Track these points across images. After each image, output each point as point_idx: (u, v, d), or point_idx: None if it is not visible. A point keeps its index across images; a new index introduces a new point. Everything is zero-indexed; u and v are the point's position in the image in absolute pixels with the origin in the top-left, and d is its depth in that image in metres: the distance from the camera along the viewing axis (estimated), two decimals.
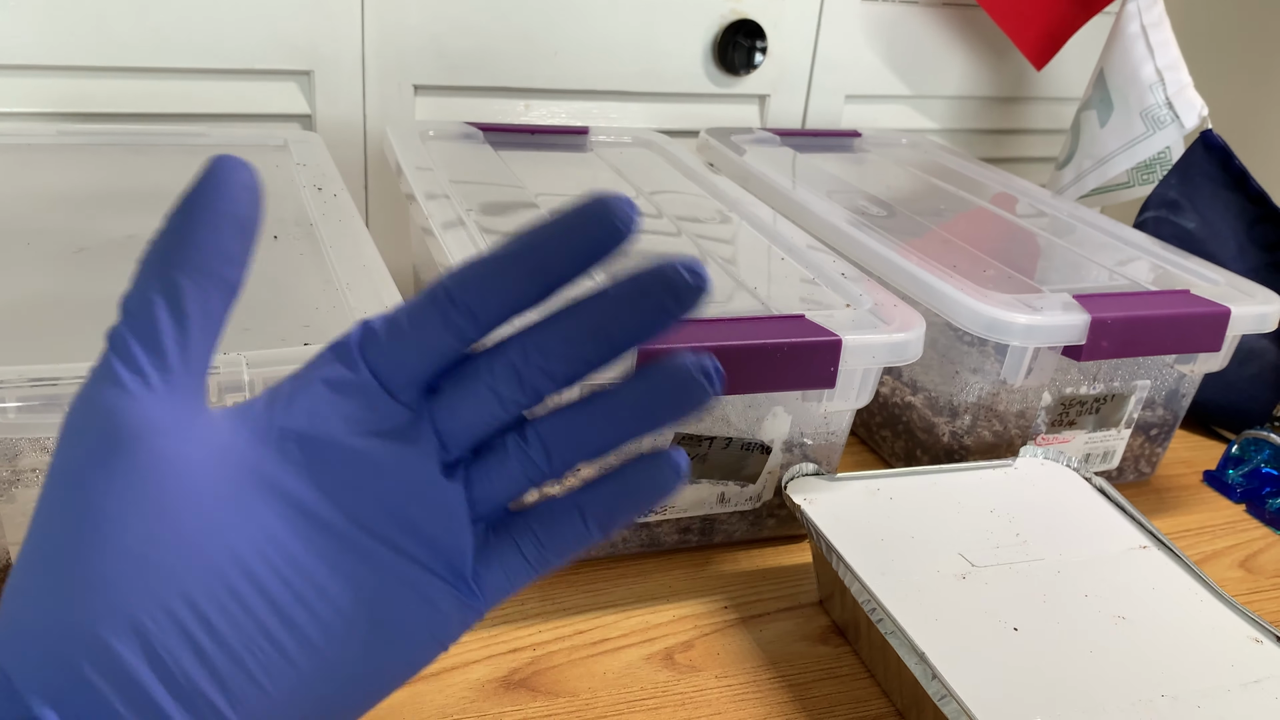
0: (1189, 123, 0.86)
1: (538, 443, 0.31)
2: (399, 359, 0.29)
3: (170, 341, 0.27)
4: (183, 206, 0.28)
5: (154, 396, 0.27)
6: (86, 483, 0.26)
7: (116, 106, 0.79)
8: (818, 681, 0.48)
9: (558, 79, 0.91)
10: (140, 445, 0.27)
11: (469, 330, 0.29)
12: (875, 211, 0.72)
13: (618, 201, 0.28)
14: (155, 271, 0.27)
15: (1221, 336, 0.59)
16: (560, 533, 0.32)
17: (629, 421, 0.30)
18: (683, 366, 0.30)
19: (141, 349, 0.27)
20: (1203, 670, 0.44)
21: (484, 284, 0.29)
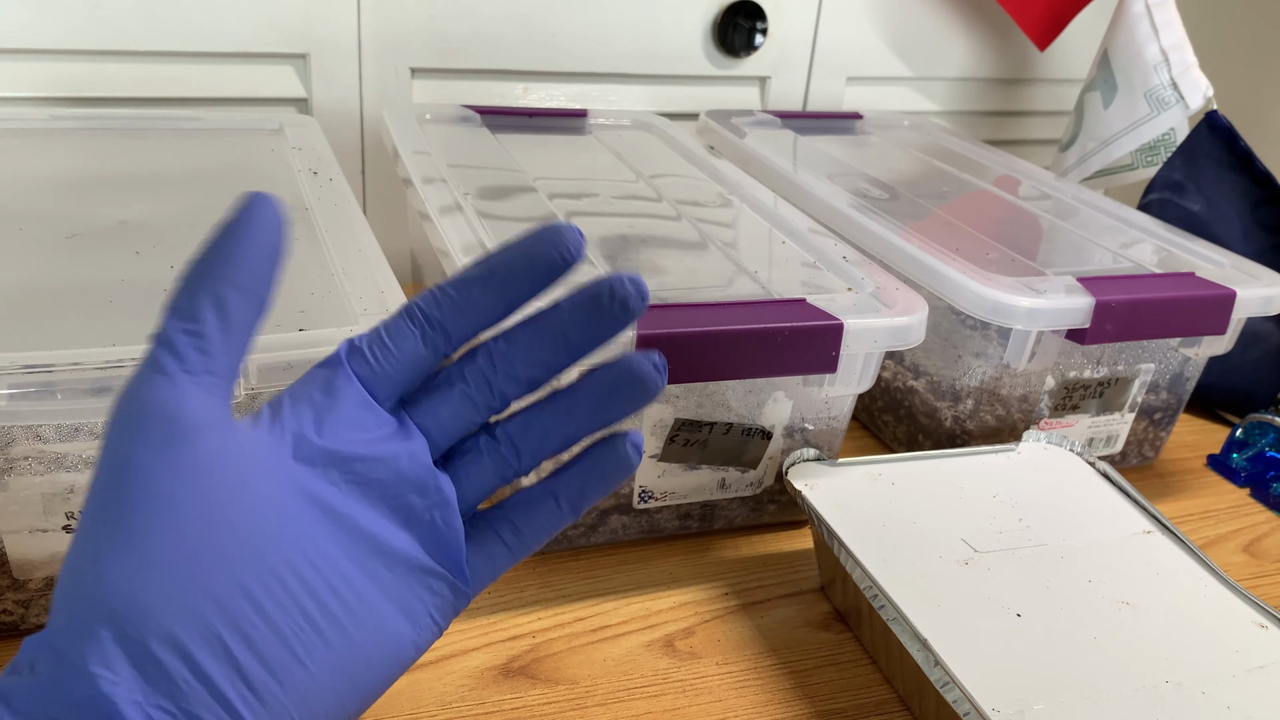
0: (1194, 104, 0.85)
1: (508, 441, 0.35)
2: (384, 372, 0.33)
3: (217, 345, 0.30)
4: (223, 233, 0.31)
5: (203, 393, 0.30)
6: (147, 470, 0.28)
7: (110, 90, 0.78)
8: (819, 668, 0.48)
9: (556, 61, 0.90)
10: (198, 438, 0.29)
11: (442, 345, 0.33)
12: (877, 194, 0.71)
13: (568, 230, 0.33)
14: (202, 283, 0.30)
15: (1227, 319, 0.59)
16: (536, 517, 0.36)
17: (587, 416, 0.35)
18: (631, 362, 0.34)
19: (193, 348, 0.30)
20: (1207, 656, 0.43)
21: (455, 304, 0.33)
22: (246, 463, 0.30)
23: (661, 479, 0.53)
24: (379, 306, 0.46)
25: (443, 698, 0.44)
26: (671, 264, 0.56)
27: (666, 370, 0.35)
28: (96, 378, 0.38)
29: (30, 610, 0.44)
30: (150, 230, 0.53)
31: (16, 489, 0.41)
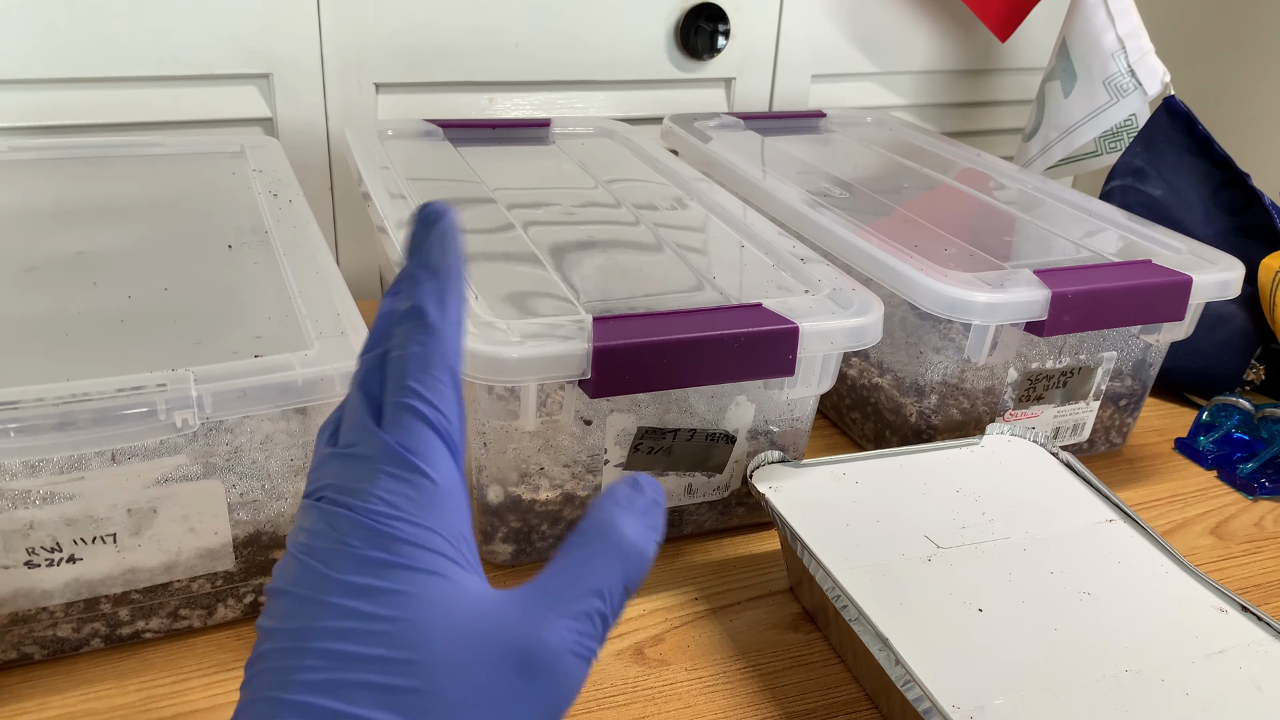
0: (1151, 90, 0.85)
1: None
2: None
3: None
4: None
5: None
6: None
7: (73, 118, 0.78)
8: (788, 669, 0.48)
9: (520, 71, 0.91)
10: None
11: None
12: (838, 194, 0.71)
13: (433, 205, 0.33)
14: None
15: (1184, 305, 0.59)
16: None
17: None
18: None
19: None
20: (1167, 643, 0.44)
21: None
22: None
23: None
24: (335, 329, 0.46)
25: None
26: (629, 270, 0.56)
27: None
28: (52, 413, 0.39)
29: None
30: (109, 260, 0.53)
31: None
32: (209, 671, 0.46)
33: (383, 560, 0.29)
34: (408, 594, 0.28)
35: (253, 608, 0.48)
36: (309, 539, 0.30)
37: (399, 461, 0.30)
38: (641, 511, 0.31)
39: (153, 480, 0.43)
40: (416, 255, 0.34)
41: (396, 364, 0.32)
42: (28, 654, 0.45)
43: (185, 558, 0.45)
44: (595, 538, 0.31)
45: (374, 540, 0.29)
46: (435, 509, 0.30)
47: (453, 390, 0.32)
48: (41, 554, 0.42)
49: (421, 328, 0.32)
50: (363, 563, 0.28)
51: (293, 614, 0.29)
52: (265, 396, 0.42)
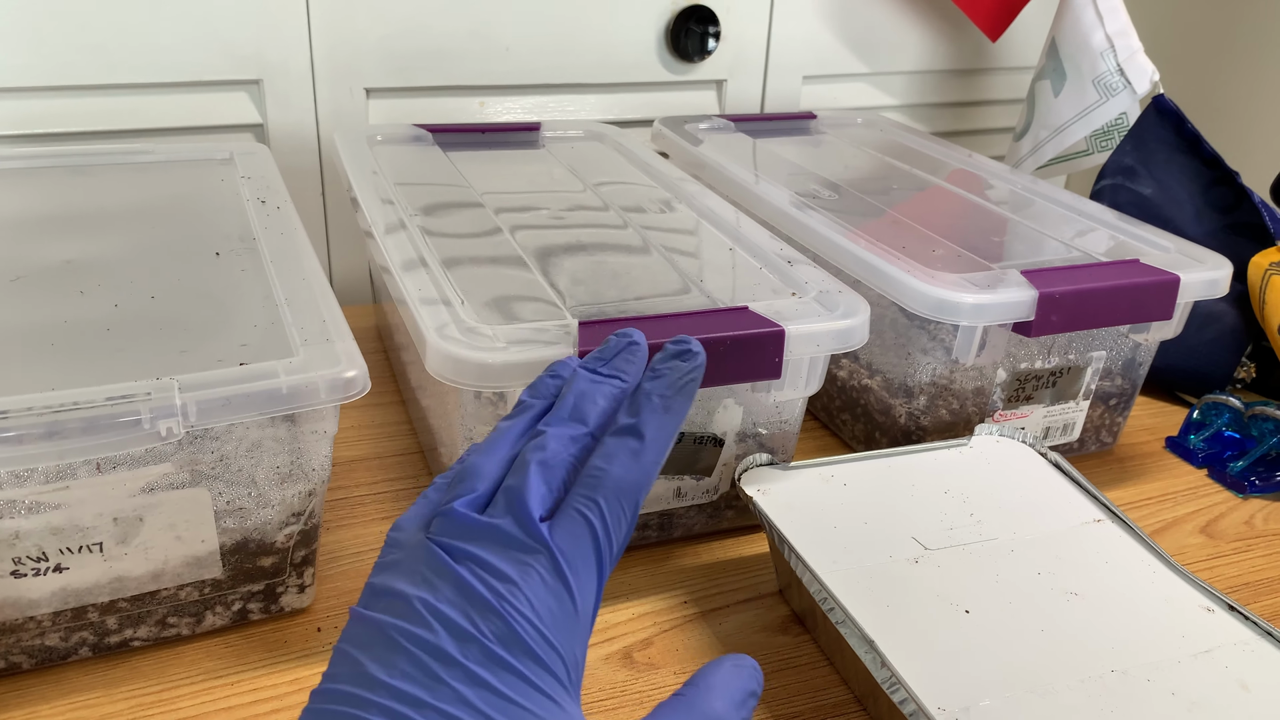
0: (1141, 88, 0.86)
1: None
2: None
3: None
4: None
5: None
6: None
7: (62, 126, 0.78)
8: (777, 672, 0.48)
9: (511, 75, 0.91)
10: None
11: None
12: (827, 196, 0.71)
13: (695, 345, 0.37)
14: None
15: (1172, 304, 0.59)
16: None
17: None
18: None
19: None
20: (1154, 643, 0.44)
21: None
22: None
23: None
24: (320, 336, 0.46)
25: None
26: (617, 273, 0.56)
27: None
28: (36, 423, 0.39)
29: None
30: (96, 269, 0.53)
31: None
32: (198, 679, 0.46)
33: (507, 664, 0.29)
34: (524, 710, 0.28)
35: (241, 615, 0.48)
36: (435, 596, 0.30)
37: (555, 570, 0.30)
38: (739, 702, 0.32)
39: (139, 489, 0.43)
40: (662, 380, 0.36)
41: (595, 474, 0.33)
42: (15, 663, 0.45)
43: (173, 566, 0.45)
44: (696, 716, 0.31)
45: (506, 640, 0.29)
46: (568, 631, 0.30)
47: (628, 525, 0.32)
48: (28, 564, 0.42)
49: (635, 453, 0.33)
50: (488, 657, 0.28)
51: (394, 666, 0.28)
52: (250, 404, 0.42)
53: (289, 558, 0.48)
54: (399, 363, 0.71)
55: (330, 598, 0.51)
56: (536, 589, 0.30)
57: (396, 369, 0.72)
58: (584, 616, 0.31)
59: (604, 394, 0.37)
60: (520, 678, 0.29)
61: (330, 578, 0.53)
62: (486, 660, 0.28)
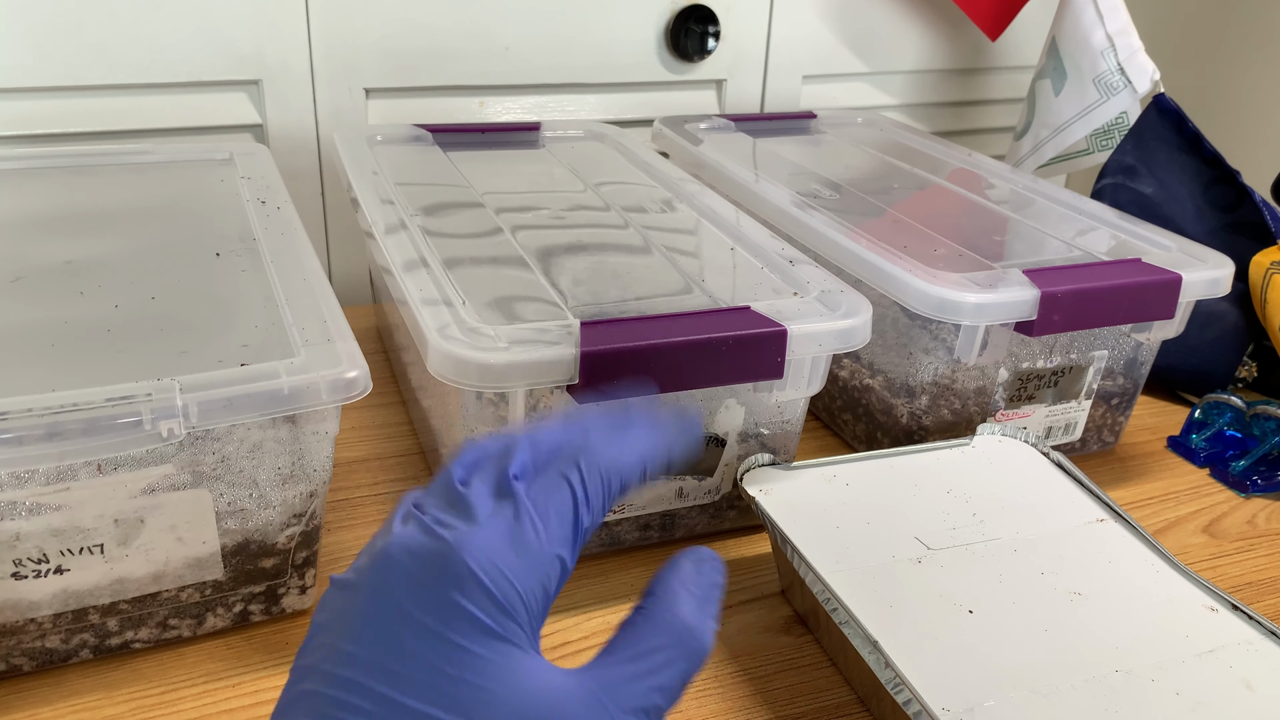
0: (1141, 87, 0.86)
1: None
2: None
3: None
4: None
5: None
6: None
7: (62, 126, 0.78)
8: (780, 673, 0.48)
9: (511, 74, 0.91)
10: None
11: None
12: (828, 195, 0.71)
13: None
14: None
15: (1174, 303, 0.59)
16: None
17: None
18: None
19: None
20: (1157, 643, 0.44)
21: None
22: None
23: None
24: (321, 336, 0.46)
25: None
26: (618, 273, 0.56)
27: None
28: (36, 424, 0.39)
29: None
30: (96, 269, 0.53)
31: None
32: (199, 681, 0.46)
33: (488, 628, 0.28)
34: (491, 663, 0.28)
35: (242, 617, 0.48)
36: (410, 559, 0.29)
37: (519, 514, 0.30)
38: (703, 597, 0.31)
39: (140, 490, 0.43)
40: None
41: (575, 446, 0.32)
42: (16, 665, 0.45)
43: (174, 567, 0.45)
44: (659, 626, 0.30)
45: (490, 607, 0.28)
46: (532, 573, 0.29)
47: (607, 497, 0.31)
48: (28, 565, 0.42)
49: (619, 428, 0.33)
50: (472, 624, 0.28)
51: (365, 636, 0.28)
52: (251, 405, 0.41)
53: (290, 559, 0.48)
54: (400, 363, 0.70)
55: None
56: (499, 546, 0.29)
57: (397, 370, 0.72)
58: (548, 557, 0.30)
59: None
60: (495, 636, 0.28)
61: None
62: (469, 628, 0.28)
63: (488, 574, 0.28)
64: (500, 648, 0.28)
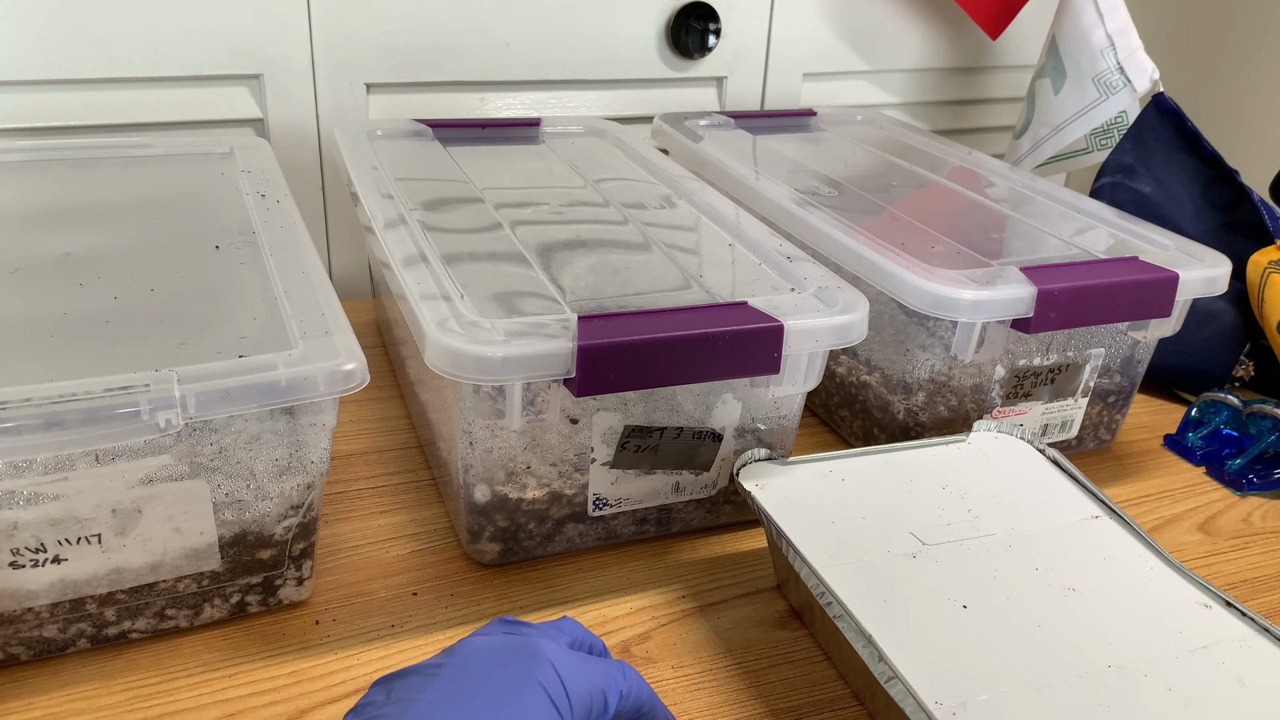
0: (1140, 86, 0.86)
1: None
2: None
3: None
4: None
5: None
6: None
7: (62, 119, 0.78)
8: (774, 667, 0.48)
9: (512, 70, 0.91)
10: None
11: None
12: (827, 192, 0.71)
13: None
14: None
15: (1171, 301, 0.59)
16: None
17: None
18: None
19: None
20: (1151, 638, 0.44)
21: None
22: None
23: (615, 485, 0.54)
24: (319, 329, 0.46)
25: None
26: (617, 269, 0.56)
27: None
28: (35, 414, 0.39)
29: None
30: (95, 262, 0.53)
31: None
32: (195, 671, 0.46)
33: (552, 707, 0.34)
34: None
35: (239, 608, 0.48)
36: (492, 645, 0.36)
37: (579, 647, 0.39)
38: None
39: (137, 480, 0.43)
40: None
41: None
42: (13, 655, 0.45)
43: (171, 558, 0.45)
44: None
45: (558, 689, 0.35)
46: (592, 680, 0.36)
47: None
48: (26, 555, 0.42)
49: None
50: (539, 701, 0.34)
51: (442, 699, 0.33)
52: (249, 396, 0.42)
53: (287, 550, 0.48)
54: (398, 357, 0.71)
55: (328, 590, 0.51)
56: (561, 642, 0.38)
57: (395, 364, 0.72)
58: (605, 676, 0.36)
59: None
60: (539, 697, 0.34)
61: (328, 571, 0.53)
62: (517, 680, 0.34)
63: (558, 665, 0.35)
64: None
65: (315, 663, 0.47)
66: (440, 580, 0.53)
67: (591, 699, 0.36)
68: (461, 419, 0.50)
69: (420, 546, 0.55)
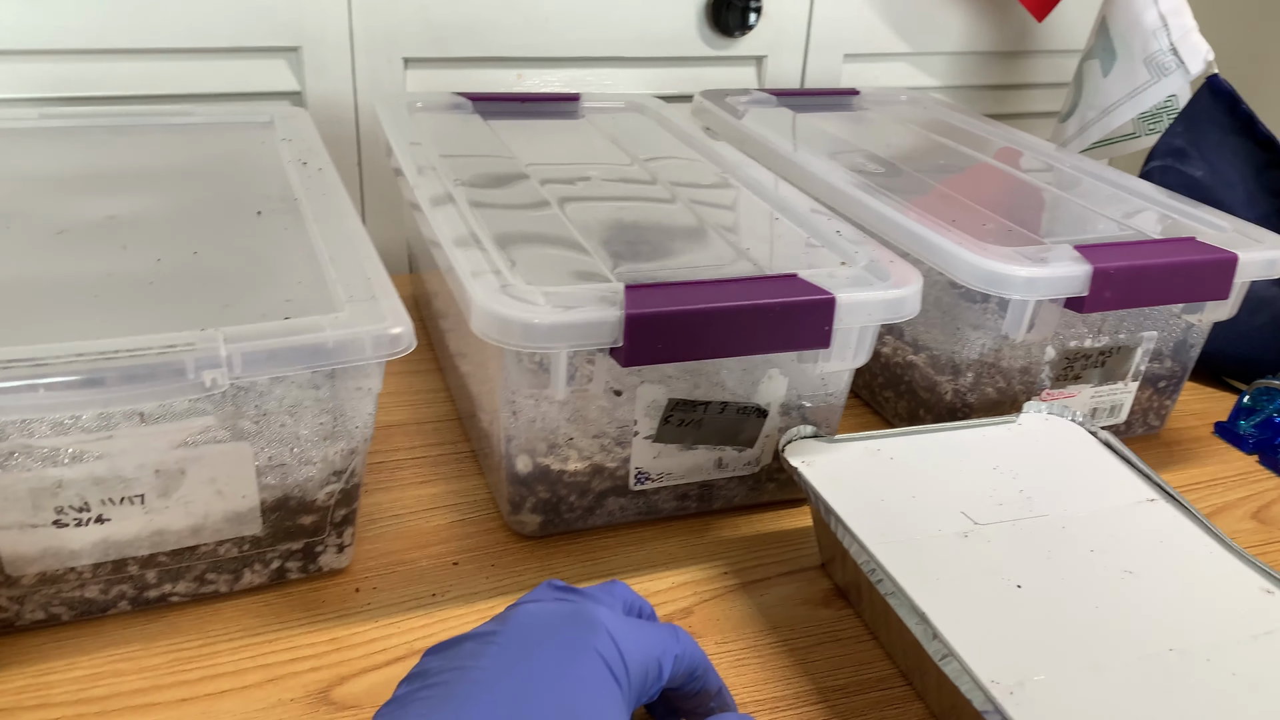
0: (1194, 68, 0.84)
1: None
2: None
3: None
4: None
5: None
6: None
7: (102, 89, 0.78)
8: (820, 645, 0.48)
9: (550, 47, 0.90)
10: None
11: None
12: (874, 170, 0.70)
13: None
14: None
15: (1229, 283, 0.58)
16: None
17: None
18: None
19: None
20: (1212, 622, 0.43)
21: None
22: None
23: (657, 460, 0.53)
24: (365, 293, 0.45)
25: None
26: (663, 243, 0.55)
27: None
28: (81, 370, 0.38)
29: (25, 607, 0.44)
30: (138, 225, 0.53)
31: (5, 485, 0.41)
32: (236, 636, 0.45)
33: (607, 669, 0.34)
34: (600, 695, 0.33)
35: (279, 574, 0.48)
36: (546, 611, 0.36)
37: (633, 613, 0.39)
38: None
39: (181, 441, 0.42)
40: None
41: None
42: (55, 614, 0.45)
43: (213, 521, 0.45)
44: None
45: (613, 654, 0.35)
46: (648, 647, 0.36)
47: (654, 680, 0.36)
48: (70, 513, 0.42)
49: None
50: (595, 665, 0.34)
51: (496, 664, 0.33)
52: (295, 358, 0.41)
53: (329, 516, 0.47)
54: (437, 331, 0.70)
55: (368, 559, 0.51)
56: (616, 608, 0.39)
57: (434, 337, 0.72)
58: (660, 641, 0.37)
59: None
60: (595, 661, 0.34)
61: (368, 540, 0.52)
62: (571, 644, 0.34)
63: (614, 632, 0.35)
64: (610, 689, 0.33)
65: (356, 630, 0.46)
66: (481, 550, 0.52)
67: (647, 666, 0.35)
68: (505, 388, 0.49)
69: (460, 517, 0.54)
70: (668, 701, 0.40)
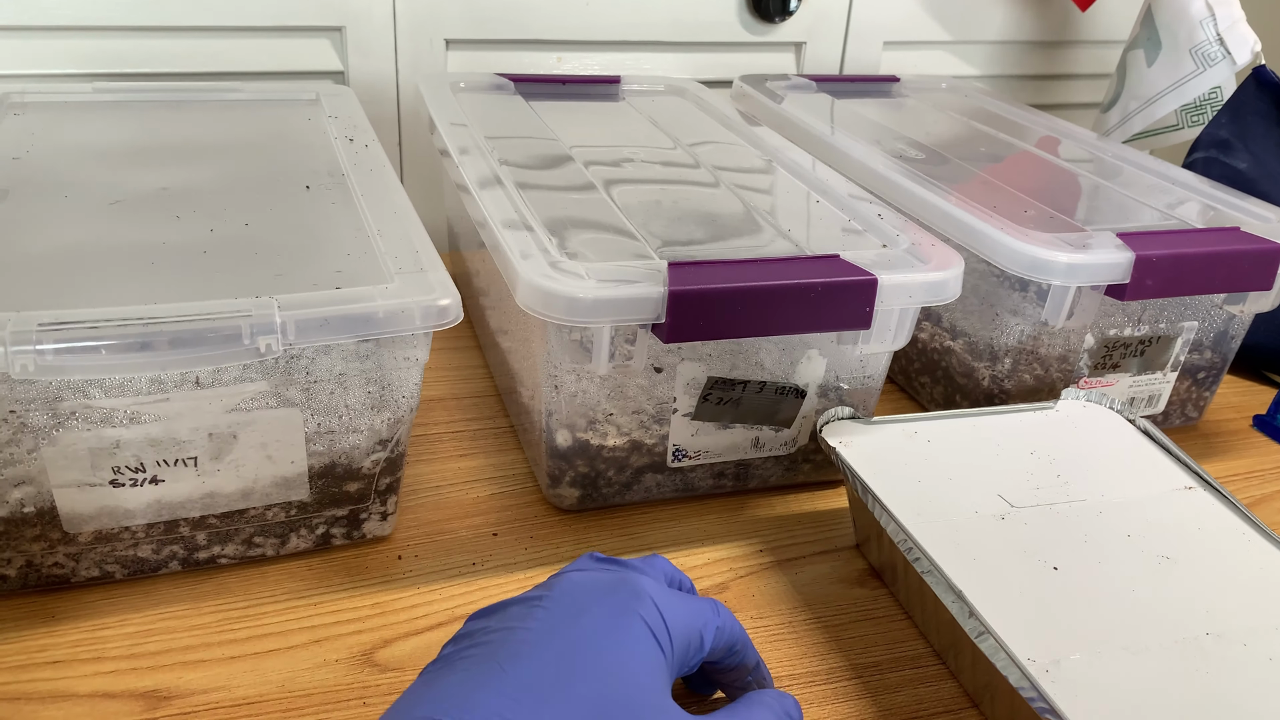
0: (1241, 59, 0.83)
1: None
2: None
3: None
4: None
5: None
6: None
7: (151, 66, 0.79)
8: (854, 623, 0.48)
9: (590, 30, 0.90)
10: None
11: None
12: (914, 155, 0.70)
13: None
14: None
15: (1273, 274, 0.57)
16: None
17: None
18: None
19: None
20: (1250, 608, 0.43)
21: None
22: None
23: (695, 437, 0.53)
24: (413, 266, 0.46)
25: None
26: (705, 223, 0.56)
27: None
28: (141, 333, 0.39)
29: (80, 564, 0.45)
30: (190, 196, 0.54)
31: (65, 444, 0.42)
32: (281, 599, 0.47)
33: (650, 634, 0.35)
34: (645, 665, 0.34)
35: (324, 539, 0.49)
36: (592, 580, 0.37)
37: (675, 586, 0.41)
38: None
39: (234, 406, 0.43)
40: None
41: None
42: (109, 572, 0.46)
43: (262, 485, 0.46)
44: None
45: (657, 621, 0.35)
46: (690, 618, 0.37)
47: (696, 651, 0.37)
48: (126, 473, 0.43)
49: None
50: (639, 630, 0.35)
51: (543, 627, 0.34)
52: (347, 326, 0.42)
53: (374, 484, 0.48)
54: (477, 308, 0.71)
55: (410, 528, 0.52)
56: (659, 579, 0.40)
57: (474, 315, 0.72)
58: (700, 613, 0.37)
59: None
60: (639, 626, 0.35)
61: (410, 509, 0.53)
62: (617, 610, 0.35)
63: (658, 601, 0.35)
64: (655, 656, 0.34)
65: (398, 595, 0.47)
66: (520, 522, 0.53)
67: (689, 637, 0.36)
68: (547, 363, 0.50)
69: (499, 490, 0.55)
70: (705, 674, 0.41)
